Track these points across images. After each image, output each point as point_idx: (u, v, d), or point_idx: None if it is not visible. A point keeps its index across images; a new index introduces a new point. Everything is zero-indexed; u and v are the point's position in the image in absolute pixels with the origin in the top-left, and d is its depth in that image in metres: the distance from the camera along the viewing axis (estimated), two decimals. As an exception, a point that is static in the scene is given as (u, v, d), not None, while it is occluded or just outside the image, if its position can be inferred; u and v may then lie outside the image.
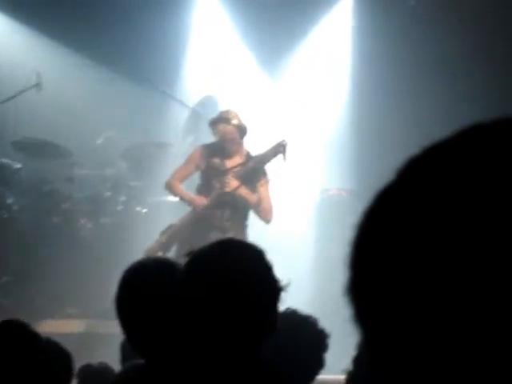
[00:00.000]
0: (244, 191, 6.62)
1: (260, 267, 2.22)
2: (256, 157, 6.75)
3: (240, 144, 6.81)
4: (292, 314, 3.08)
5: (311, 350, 3.06)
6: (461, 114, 8.74)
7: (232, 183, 6.60)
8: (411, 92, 9.24)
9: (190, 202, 6.81)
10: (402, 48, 9.26)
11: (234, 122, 6.72)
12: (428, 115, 9.09)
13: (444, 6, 9.14)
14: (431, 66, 9.22)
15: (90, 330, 7.65)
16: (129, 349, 2.53)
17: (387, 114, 9.31)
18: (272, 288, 2.21)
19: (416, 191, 0.76)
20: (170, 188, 7.01)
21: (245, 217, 6.83)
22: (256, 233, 7.90)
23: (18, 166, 8.37)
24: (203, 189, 6.84)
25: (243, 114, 6.93)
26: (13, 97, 8.39)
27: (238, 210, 6.74)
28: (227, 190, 6.59)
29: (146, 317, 2.33)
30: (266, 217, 6.79)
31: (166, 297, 2.29)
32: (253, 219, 7.10)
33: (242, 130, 6.76)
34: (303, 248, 8.70)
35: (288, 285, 2.32)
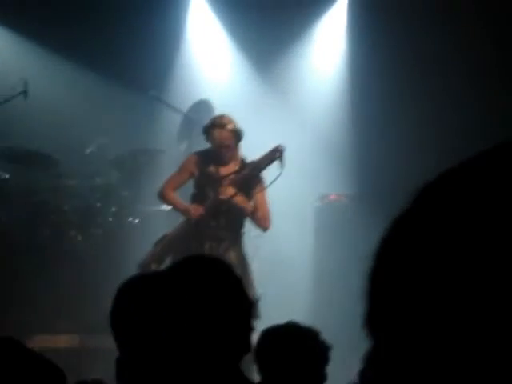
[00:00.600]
0: (240, 199, 6.48)
1: (228, 283, 2.19)
2: (251, 163, 6.61)
3: (235, 150, 6.66)
4: (294, 327, 3.14)
5: (313, 362, 3.09)
6: (462, 115, 8.67)
7: (228, 191, 6.45)
8: (411, 94, 9.18)
9: (184, 212, 6.66)
10: (402, 49, 9.18)
11: (229, 127, 6.57)
12: (429, 118, 9.03)
13: (443, 4, 9.06)
14: (431, 67, 9.14)
15: (81, 344, 7.56)
16: (124, 364, 2.44)
17: (387, 117, 9.25)
18: (241, 304, 2.18)
19: (432, 222, 0.76)
20: (162, 197, 6.86)
21: (240, 225, 6.69)
22: (253, 240, 7.79)
23: (6, 176, 8.26)
24: (198, 197, 6.69)
25: (238, 119, 6.79)
26: (-1, 105, 8.29)
27: (234, 218, 6.60)
28: (223, 197, 6.44)
29: (139, 333, 2.28)
30: (262, 224, 6.65)
31: (159, 312, 2.21)
32: (250, 226, 6.99)
33: (237, 135, 6.61)
34: (302, 254, 8.66)
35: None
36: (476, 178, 0.77)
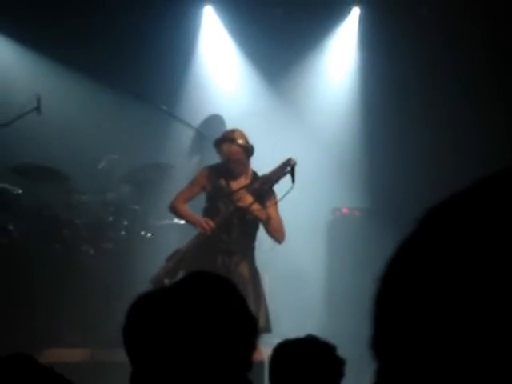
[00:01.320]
0: (256, 207, 6.46)
1: (231, 301, 2.19)
2: (262, 177, 6.59)
3: (246, 164, 6.65)
4: (310, 341, 3.14)
5: (328, 377, 3.09)
6: (477, 126, 8.63)
7: (245, 199, 6.43)
8: (424, 107, 9.17)
9: (195, 224, 6.64)
10: (415, 59, 9.17)
11: (240, 141, 6.57)
12: (441, 133, 9.01)
13: (456, 13, 9.03)
14: (445, 77, 9.12)
15: (93, 358, 7.52)
16: (138, 378, 2.44)
17: (400, 130, 9.25)
18: (243, 321, 2.18)
19: (437, 246, 0.77)
20: (174, 210, 6.86)
21: (252, 239, 6.67)
22: (265, 254, 7.77)
23: (19, 191, 8.27)
24: (209, 211, 6.68)
25: (249, 134, 6.78)
26: (13, 121, 8.32)
27: (245, 232, 6.58)
28: (241, 205, 6.41)
29: (150, 347, 2.26)
30: (277, 236, 6.62)
31: (173, 328, 2.23)
32: (263, 240, 6.97)
33: (247, 150, 6.60)
34: (315, 267, 8.65)
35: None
36: (479, 204, 0.77)
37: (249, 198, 6.43)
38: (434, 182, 7.76)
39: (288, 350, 3.11)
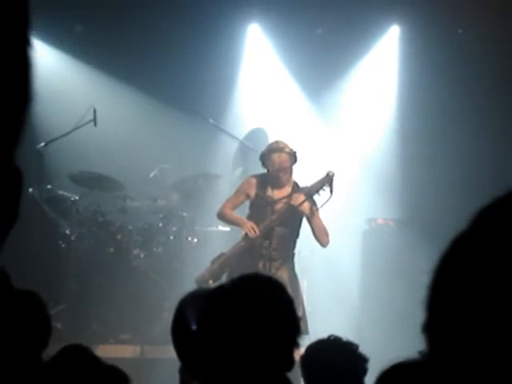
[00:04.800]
0: (306, 206, 6.54)
1: (282, 302, 2.25)
2: (304, 188, 6.67)
3: (290, 172, 6.74)
4: (335, 341, 3.25)
5: (352, 373, 3.18)
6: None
7: (299, 197, 6.52)
8: (459, 121, 9.13)
9: (241, 225, 6.75)
10: (451, 77, 9.15)
11: (287, 150, 6.68)
12: (477, 144, 8.98)
13: (492, 33, 9.00)
14: (481, 95, 9.08)
15: (143, 355, 7.65)
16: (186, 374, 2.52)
17: (435, 144, 9.25)
18: (290, 321, 2.24)
19: (488, 241, 0.78)
20: (222, 216, 6.97)
21: (292, 246, 6.77)
22: (303, 261, 7.83)
23: (76, 197, 8.41)
24: (252, 218, 6.79)
25: (290, 146, 6.87)
26: (70, 132, 8.47)
27: (286, 239, 6.66)
28: (293, 203, 6.50)
29: (199, 345, 2.33)
30: (322, 239, 6.68)
31: (220, 325, 2.26)
32: (302, 248, 7.02)
33: (293, 158, 6.71)
34: (350, 274, 8.66)
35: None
36: None
37: (301, 197, 6.51)
38: (465, 194, 7.75)
39: (317, 349, 3.25)
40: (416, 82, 9.52)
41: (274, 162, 6.65)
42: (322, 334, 3.40)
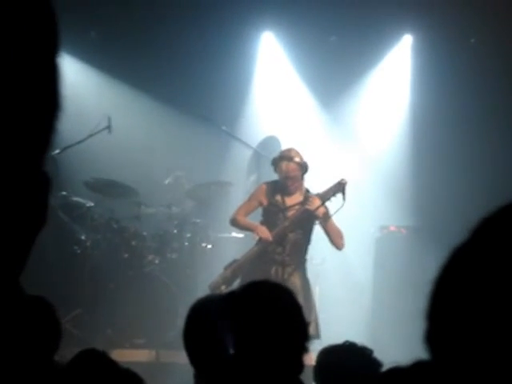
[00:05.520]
0: (321, 211, 6.54)
1: (291, 308, 2.27)
2: (316, 195, 6.67)
3: (300, 181, 6.75)
4: (349, 346, 3.28)
5: (367, 377, 3.17)
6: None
7: (314, 202, 6.52)
8: (472, 129, 9.12)
9: (254, 230, 6.76)
10: (464, 86, 9.15)
11: (296, 159, 6.68)
12: (490, 152, 8.96)
13: (504, 42, 8.99)
14: (493, 105, 9.08)
15: (158, 359, 7.66)
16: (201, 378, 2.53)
17: (447, 152, 9.23)
18: (299, 326, 2.26)
19: (489, 252, 0.78)
20: (235, 222, 6.98)
21: (304, 252, 6.78)
22: (316, 267, 7.82)
23: (91, 204, 8.44)
24: (265, 225, 6.81)
25: (304, 153, 6.88)
26: (85, 139, 8.51)
27: (298, 245, 6.67)
28: (309, 207, 6.50)
29: (211, 350, 2.33)
30: (337, 243, 6.67)
31: (231, 331, 2.29)
32: (315, 255, 7.01)
33: (303, 168, 6.72)
34: (363, 280, 8.65)
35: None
36: None
37: (317, 201, 6.52)
38: (478, 201, 7.73)
39: (330, 353, 3.27)
40: (428, 90, 9.54)
41: (282, 170, 6.68)
42: (336, 339, 3.40)
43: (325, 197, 6.58)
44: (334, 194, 6.56)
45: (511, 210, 0.81)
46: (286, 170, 6.66)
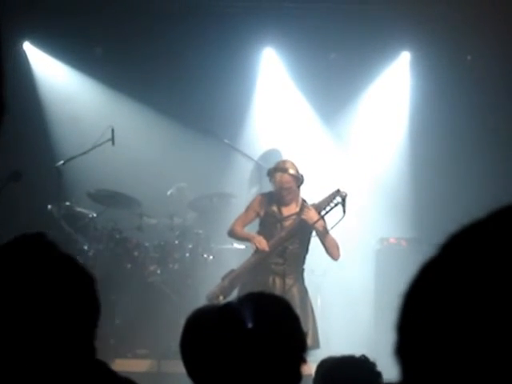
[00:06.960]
0: (320, 224, 6.48)
1: (288, 318, 2.23)
2: (312, 206, 6.63)
3: (296, 192, 6.73)
4: (352, 358, 3.24)
5: None
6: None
7: (309, 212, 6.47)
8: (469, 144, 9.14)
9: (251, 240, 6.72)
10: (461, 102, 9.17)
11: (291, 171, 6.66)
12: (489, 166, 8.96)
13: (500, 60, 9.02)
14: (490, 120, 9.09)
15: (160, 369, 7.59)
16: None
17: (446, 165, 9.23)
18: (297, 340, 2.22)
19: (457, 268, 0.79)
20: (232, 233, 6.95)
21: (301, 262, 6.74)
22: (317, 279, 7.77)
23: (94, 214, 8.41)
24: (262, 235, 6.78)
25: (304, 166, 6.84)
26: (89, 150, 8.49)
27: (296, 255, 6.62)
28: (305, 217, 6.45)
29: (208, 361, 2.29)
30: (333, 253, 6.62)
31: (227, 342, 2.25)
32: (316, 266, 6.95)
33: (298, 180, 6.69)
34: (363, 292, 8.61)
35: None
36: (499, 232, 0.80)
37: (314, 214, 6.46)
38: (477, 214, 7.69)
39: (330, 365, 3.25)
40: (426, 105, 9.58)
41: (276, 181, 6.67)
42: (336, 350, 3.38)
43: (320, 207, 6.54)
44: (330, 205, 6.52)
45: (480, 226, 0.81)
46: (280, 182, 6.64)
